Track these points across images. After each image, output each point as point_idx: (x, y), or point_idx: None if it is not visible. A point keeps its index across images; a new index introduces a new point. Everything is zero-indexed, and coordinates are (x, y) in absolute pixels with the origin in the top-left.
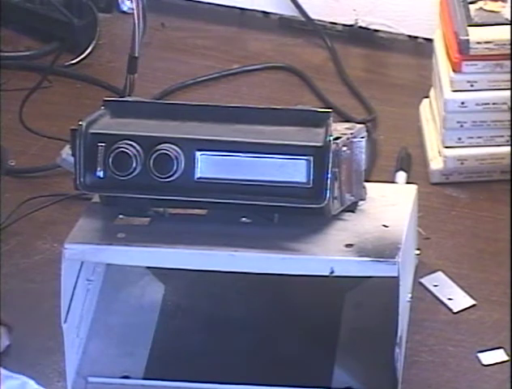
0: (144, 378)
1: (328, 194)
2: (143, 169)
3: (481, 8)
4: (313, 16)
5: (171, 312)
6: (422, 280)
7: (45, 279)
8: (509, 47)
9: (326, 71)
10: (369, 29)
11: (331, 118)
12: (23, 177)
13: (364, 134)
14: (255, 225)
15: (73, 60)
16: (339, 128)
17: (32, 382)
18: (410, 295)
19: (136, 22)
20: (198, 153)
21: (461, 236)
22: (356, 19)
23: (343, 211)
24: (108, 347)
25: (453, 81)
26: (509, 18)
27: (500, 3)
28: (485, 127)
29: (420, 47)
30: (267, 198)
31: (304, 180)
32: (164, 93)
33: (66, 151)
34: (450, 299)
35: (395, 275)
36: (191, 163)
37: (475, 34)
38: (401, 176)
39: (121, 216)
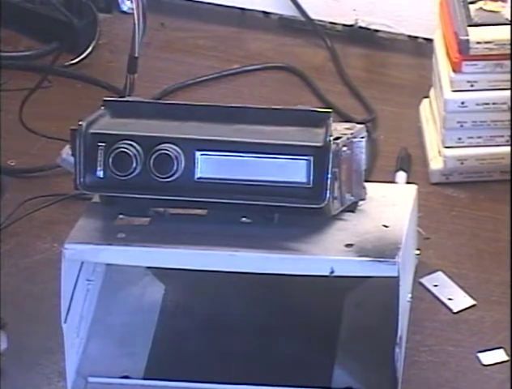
0: (144, 378)
1: (328, 194)
2: (143, 169)
3: (481, 8)
4: (313, 16)
5: (171, 312)
6: (422, 280)
7: (45, 279)
8: (509, 47)
9: (326, 71)
10: (369, 29)
11: (331, 118)
12: (23, 177)
13: (364, 134)
14: (255, 225)
15: (73, 60)
16: (339, 128)
17: None
18: (410, 295)
19: (136, 22)
20: (198, 153)
21: (461, 236)
22: (356, 19)
23: (343, 211)
24: (108, 347)
25: (453, 81)
26: (509, 18)
27: (500, 3)
28: (485, 127)
29: (420, 47)
30: (267, 198)
31: (304, 180)
32: (164, 93)
33: (66, 151)
34: (450, 299)
35: (395, 275)
36: (191, 163)
37: (475, 34)
38: (401, 176)
39: (121, 216)
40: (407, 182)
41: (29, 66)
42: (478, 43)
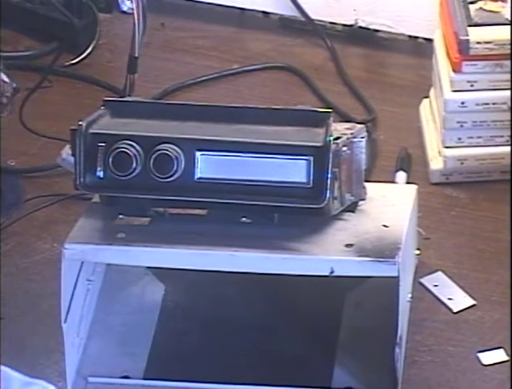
0: (144, 378)
1: (328, 194)
2: (143, 169)
3: (481, 8)
4: (313, 16)
5: (171, 312)
6: (422, 280)
7: (45, 279)
8: (509, 47)
9: (326, 71)
10: (369, 29)
11: (331, 118)
12: (23, 177)
13: (364, 134)
14: (255, 225)
15: (73, 60)
16: (339, 128)
17: (52, 387)
18: (410, 295)
19: (136, 22)
20: (198, 153)
21: (461, 236)
22: (356, 19)
23: (343, 211)
24: (108, 347)
25: (453, 81)
26: (509, 18)
27: (500, 3)
28: (485, 127)
29: (420, 47)
30: (267, 198)
31: (304, 180)
32: (164, 93)
33: (66, 151)
34: (450, 299)
35: (395, 275)
36: (191, 163)
37: (475, 34)
38: (401, 176)
39: (121, 216)
40: (407, 182)
41: (29, 66)
42: (478, 43)
